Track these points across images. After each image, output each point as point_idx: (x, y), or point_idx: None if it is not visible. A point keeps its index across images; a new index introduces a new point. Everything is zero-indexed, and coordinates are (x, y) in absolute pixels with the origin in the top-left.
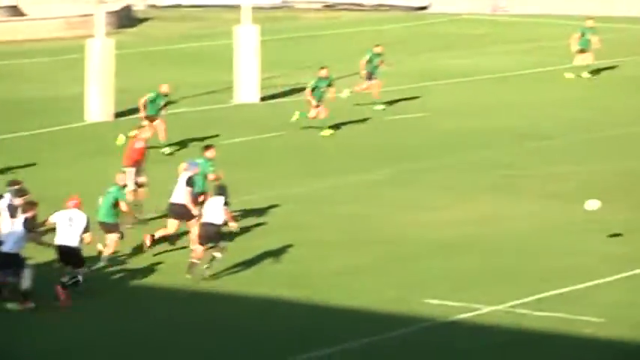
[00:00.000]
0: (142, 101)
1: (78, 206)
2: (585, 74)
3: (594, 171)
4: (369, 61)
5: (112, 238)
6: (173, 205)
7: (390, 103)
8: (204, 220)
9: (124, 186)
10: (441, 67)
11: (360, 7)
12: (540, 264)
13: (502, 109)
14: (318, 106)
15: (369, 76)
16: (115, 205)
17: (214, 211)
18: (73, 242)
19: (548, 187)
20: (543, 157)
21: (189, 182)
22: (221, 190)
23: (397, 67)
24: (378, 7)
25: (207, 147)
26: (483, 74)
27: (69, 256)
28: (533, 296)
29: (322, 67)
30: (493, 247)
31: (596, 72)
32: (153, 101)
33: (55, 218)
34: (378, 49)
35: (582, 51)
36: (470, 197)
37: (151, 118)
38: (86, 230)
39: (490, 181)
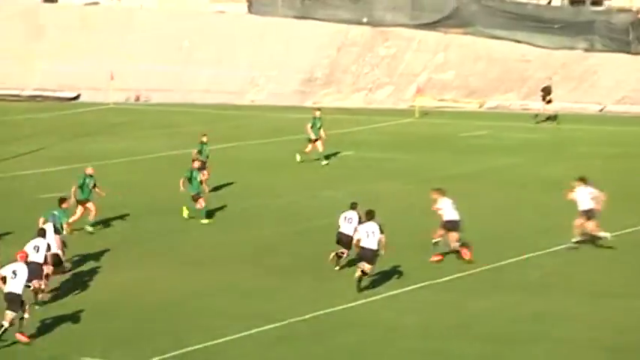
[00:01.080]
0: (73, 189)
1: (24, 259)
2: (324, 162)
3: (239, 239)
4: (200, 151)
5: None
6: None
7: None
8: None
9: None
10: (91, 150)
11: (17, 98)
12: (184, 323)
13: (149, 188)
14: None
15: (203, 166)
16: None
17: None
18: (17, 290)
19: (196, 254)
20: (188, 230)
21: (56, 230)
22: None
23: (50, 151)
24: (33, 98)
25: (63, 199)
26: (126, 157)
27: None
28: (178, 351)
29: (195, 157)
30: (143, 309)
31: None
32: (82, 185)
33: (2, 271)
34: (204, 139)
35: (315, 140)
36: (131, 263)
37: (83, 202)
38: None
39: (148, 248)
